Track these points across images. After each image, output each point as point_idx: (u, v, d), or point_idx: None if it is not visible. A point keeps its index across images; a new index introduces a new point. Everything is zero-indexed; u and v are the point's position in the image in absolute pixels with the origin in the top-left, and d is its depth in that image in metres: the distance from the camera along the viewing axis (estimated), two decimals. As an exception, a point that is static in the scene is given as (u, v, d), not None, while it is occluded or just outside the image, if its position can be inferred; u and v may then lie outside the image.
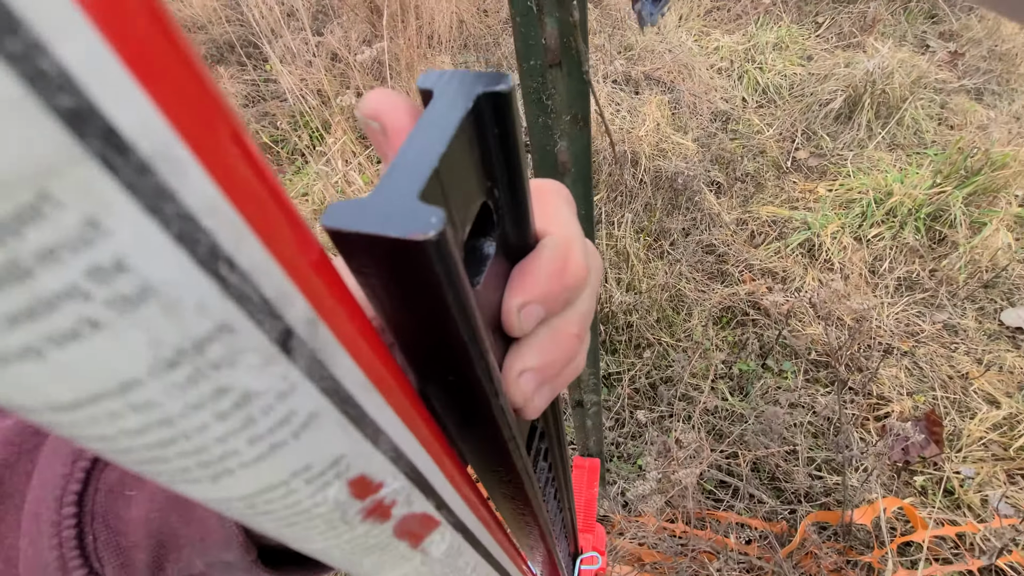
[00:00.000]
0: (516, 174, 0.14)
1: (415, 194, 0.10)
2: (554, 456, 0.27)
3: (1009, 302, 1.69)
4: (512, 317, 0.15)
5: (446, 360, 0.13)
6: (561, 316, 0.17)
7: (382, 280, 0.11)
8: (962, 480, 1.35)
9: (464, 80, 0.12)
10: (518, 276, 0.15)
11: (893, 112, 2.21)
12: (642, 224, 1.89)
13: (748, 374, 1.55)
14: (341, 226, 0.10)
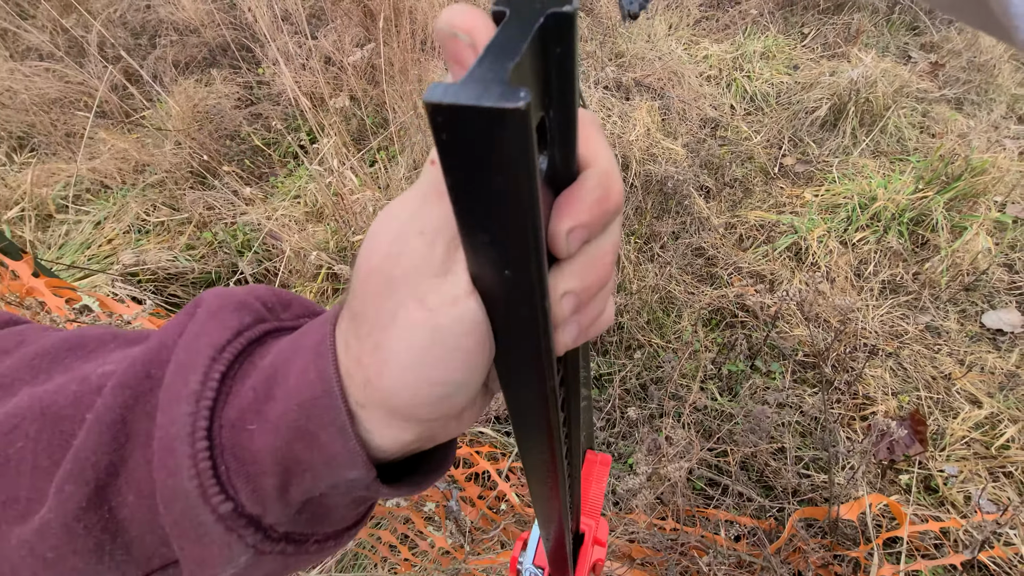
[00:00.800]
0: (571, 97, 0.15)
1: (503, 77, 0.11)
2: (570, 412, 0.27)
3: (990, 305, 1.73)
4: (560, 240, 0.16)
5: (505, 242, 0.14)
6: (598, 241, 0.18)
7: (467, 152, 0.12)
8: (946, 478, 1.37)
9: (534, 2, 0.14)
10: (566, 202, 0.17)
11: (877, 120, 2.27)
12: (633, 227, 1.91)
13: (737, 374, 1.57)
14: (439, 99, 0.11)
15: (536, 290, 0.15)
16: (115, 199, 2.36)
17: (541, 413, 0.21)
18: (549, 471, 0.27)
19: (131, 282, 1.90)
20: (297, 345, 0.21)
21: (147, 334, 0.26)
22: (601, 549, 0.61)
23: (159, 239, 2.18)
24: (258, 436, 0.20)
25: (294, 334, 0.22)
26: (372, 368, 0.18)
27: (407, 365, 0.17)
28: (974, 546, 1.01)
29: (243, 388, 0.20)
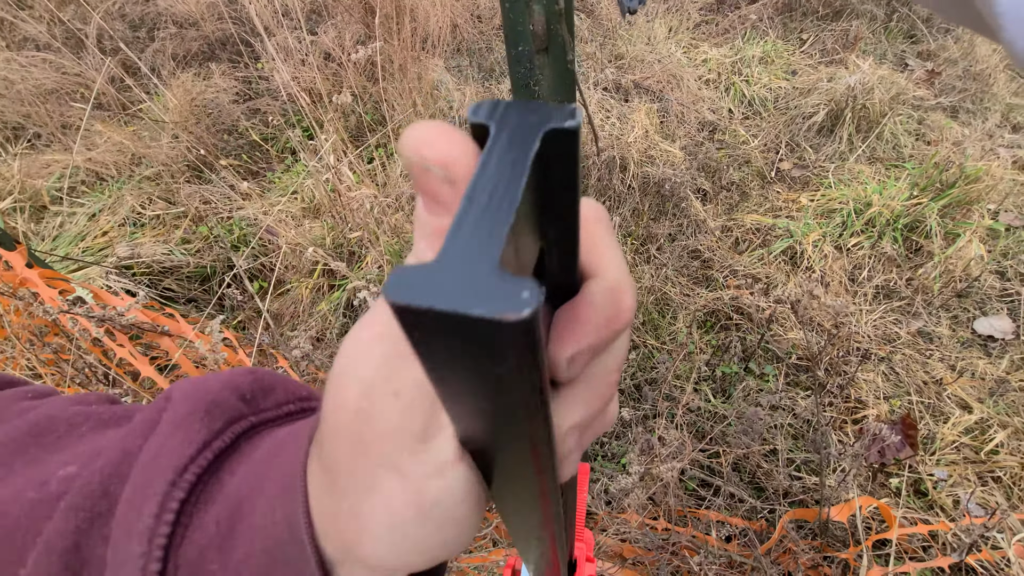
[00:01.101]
0: (573, 214, 0.12)
1: (495, 261, 0.08)
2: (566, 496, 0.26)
3: (981, 311, 1.74)
4: (561, 368, 0.14)
5: (507, 433, 0.12)
6: (604, 360, 0.16)
7: (453, 357, 0.09)
8: (935, 482, 1.38)
9: (526, 114, 0.11)
10: (569, 323, 0.14)
11: (873, 126, 2.28)
12: (630, 229, 1.92)
13: (731, 376, 1.58)
14: (411, 302, 0.08)
15: (543, 447, 0.13)
16: (111, 191, 2.35)
17: (545, 535, 0.19)
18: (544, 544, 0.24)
19: (125, 275, 1.89)
20: (265, 473, 0.19)
21: (123, 412, 0.25)
22: (592, 565, 0.61)
23: (154, 232, 2.17)
24: (234, 552, 0.18)
25: (265, 453, 0.20)
26: (350, 534, 0.16)
27: (391, 541, 0.16)
28: (962, 549, 1.02)
29: (206, 518, 0.19)
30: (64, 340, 1.15)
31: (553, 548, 0.27)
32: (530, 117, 0.10)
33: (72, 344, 1.06)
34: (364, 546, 0.16)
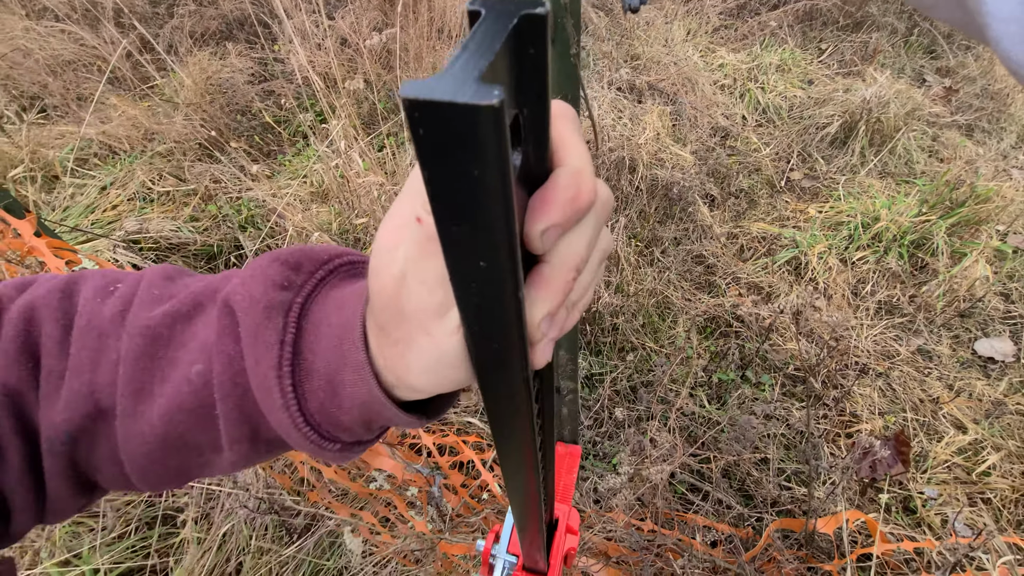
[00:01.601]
0: (543, 96, 0.15)
1: (476, 75, 0.11)
2: (543, 402, 0.28)
3: (983, 332, 1.74)
4: (536, 241, 0.17)
5: (481, 239, 0.14)
6: (570, 238, 0.19)
7: (442, 145, 0.12)
8: (925, 500, 1.38)
9: (507, 2, 0.14)
10: (540, 202, 0.17)
11: (886, 141, 2.27)
12: (635, 230, 1.92)
13: (727, 383, 1.58)
14: (416, 95, 0.11)
15: (510, 281, 0.16)
16: (122, 165, 2.36)
17: (516, 410, 0.22)
18: (524, 464, 0.28)
19: (133, 249, 1.90)
20: (341, 361, 0.25)
21: (192, 301, 0.30)
22: (573, 538, 0.62)
23: (163, 208, 2.18)
24: (343, 415, 0.26)
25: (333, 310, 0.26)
26: (400, 371, 0.23)
27: (423, 372, 0.22)
28: (946, 568, 1.02)
29: (312, 388, 0.26)
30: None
31: (532, 473, 0.29)
32: (510, 4, 0.14)
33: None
34: (411, 377, 0.23)
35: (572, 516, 0.69)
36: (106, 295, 0.29)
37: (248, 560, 1.24)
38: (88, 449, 0.29)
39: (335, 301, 0.26)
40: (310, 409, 0.26)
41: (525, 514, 0.37)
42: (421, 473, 1.11)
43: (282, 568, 1.23)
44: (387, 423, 0.27)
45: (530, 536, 0.43)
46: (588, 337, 1.65)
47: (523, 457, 0.27)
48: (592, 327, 1.63)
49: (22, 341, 0.28)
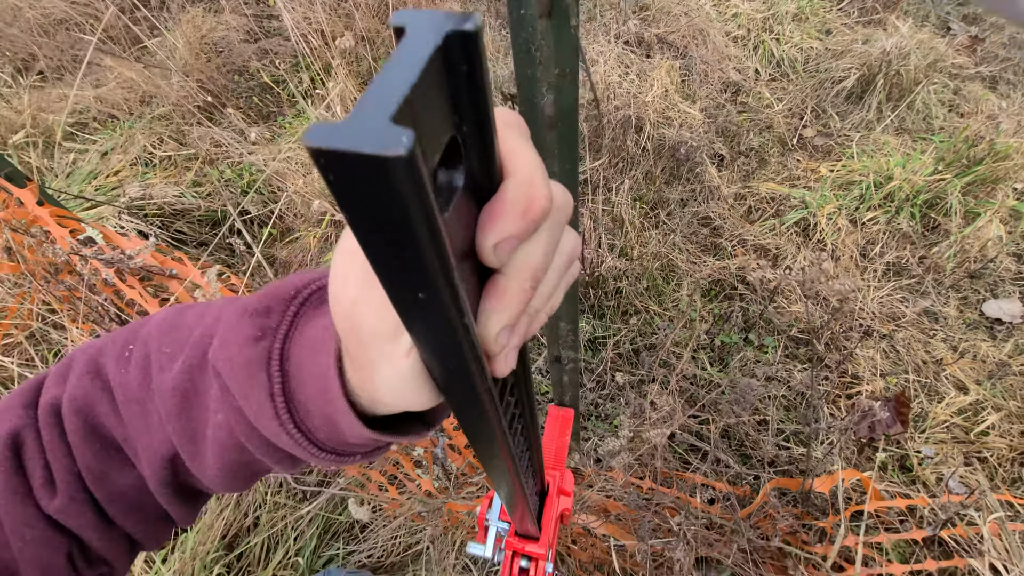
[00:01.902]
0: (483, 111, 0.14)
1: (388, 117, 0.11)
2: (520, 392, 0.28)
3: (992, 294, 1.72)
4: (489, 255, 0.17)
5: (413, 275, 0.14)
6: (526, 248, 0.18)
7: (356, 196, 0.11)
8: (921, 459, 1.41)
9: (434, 18, 0.13)
10: (488, 216, 0.17)
11: (905, 95, 2.18)
12: (640, 192, 1.89)
13: (729, 346, 1.59)
14: (320, 144, 0.10)
15: (452, 309, 0.15)
16: (122, 129, 2.34)
17: (483, 418, 0.22)
18: (500, 458, 0.28)
19: (137, 216, 1.91)
20: (331, 407, 0.26)
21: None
22: (567, 499, 0.64)
23: (166, 174, 2.17)
24: (351, 439, 0.27)
25: (308, 352, 0.27)
26: (370, 392, 0.23)
27: (391, 392, 0.22)
28: (937, 523, 1.05)
29: (316, 425, 0.27)
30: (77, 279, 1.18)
31: (510, 466, 0.30)
32: (437, 21, 0.13)
33: (84, 283, 1.09)
34: (383, 398, 0.23)
35: (566, 478, 0.71)
36: (125, 363, 0.32)
37: (264, 515, 1.30)
38: (183, 476, 0.33)
39: (310, 342, 0.26)
40: (321, 439, 0.27)
41: (508, 496, 0.38)
42: (426, 435, 1.14)
43: (296, 522, 1.29)
44: (396, 442, 0.28)
45: (518, 511, 0.44)
46: (592, 301, 1.65)
47: (497, 454, 0.27)
48: (596, 291, 1.63)
49: (84, 430, 0.32)
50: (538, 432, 0.36)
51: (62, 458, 0.32)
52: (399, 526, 1.30)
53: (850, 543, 1.10)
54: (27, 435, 0.32)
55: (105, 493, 0.32)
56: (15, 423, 0.32)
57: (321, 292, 0.29)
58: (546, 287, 0.21)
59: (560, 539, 1.23)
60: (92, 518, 0.32)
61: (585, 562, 1.22)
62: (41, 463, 0.32)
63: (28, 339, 1.52)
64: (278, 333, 0.27)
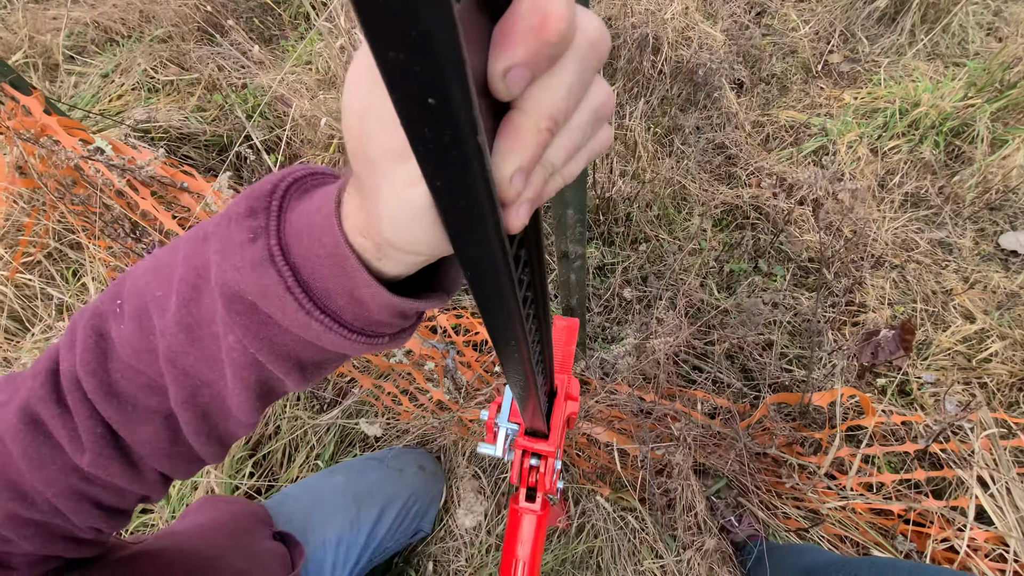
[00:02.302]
0: None
1: None
2: (533, 271, 0.27)
3: (1011, 226, 1.69)
4: (498, 83, 0.15)
5: (420, 63, 0.12)
6: (546, 82, 0.16)
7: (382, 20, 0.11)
8: (921, 384, 1.44)
9: None
10: (499, 36, 0.15)
11: (941, 16, 2.05)
12: (656, 118, 1.83)
13: (738, 274, 1.59)
14: None
15: (464, 120, 0.13)
16: (121, 52, 2.27)
17: (496, 280, 0.20)
18: (514, 338, 0.27)
19: (144, 139, 1.89)
20: (351, 281, 0.26)
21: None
22: (574, 404, 0.67)
23: (169, 99, 2.13)
24: (375, 315, 0.27)
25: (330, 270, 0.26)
26: (372, 223, 0.22)
27: (391, 222, 0.21)
28: (929, 436, 1.09)
29: (340, 306, 0.27)
30: (91, 191, 1.19)
31: (524, 351, 0.30)
32: None
33: (97, 194, 1.10)
34: (383, 229, 0.22)
35: (572, 384, 0.73)
36: (119, 319, 0.32)
37: (284, 424, 1.37)
38: (213, 417, 0.35)
39: (307, 230, 0.25)
40: (348, 320, 0.27)
41: (521, 389, 0.37)
42: (437, 348, 1.17)
43: (316, 430, 1.36)
44: (414, 310, 0.28)
45: (530, 408, 0.43)
46: (602, 227, 1.64)
47: (511, 331, 0.26)
48: (605, 216, 1.62)
49: (101, 390, 0.33)
50: (550, 325, 0.36)
51: (86, 419, 0.33)
52: (413, 437, 1.37)
53: (844, 454, 1.15)
54: (39, 405, 0.34)
55: (133, 442, 0.34)
56: (23, 396, 0.34)
57: (298, 183, 0.29)
58: (567, 139, 0.19)
59: (565, 449, 1.29)
60: (119, 468, 0.35)
61: (589, 471, 1.29)
62: (64, 424, 0.33)
63: (47, 258, 1.55)
64: (269, 230, 0.26)
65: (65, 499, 0.35)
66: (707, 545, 1.13)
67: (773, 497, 1.24)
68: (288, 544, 0.78)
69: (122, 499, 0.38)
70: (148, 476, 0.37)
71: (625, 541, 1.20)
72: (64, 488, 0.35)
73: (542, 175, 0.19)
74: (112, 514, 0.38)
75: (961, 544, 1.04)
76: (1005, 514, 1.05)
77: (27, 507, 0.35)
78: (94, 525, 0.37)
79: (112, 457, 0.34)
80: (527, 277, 0.26)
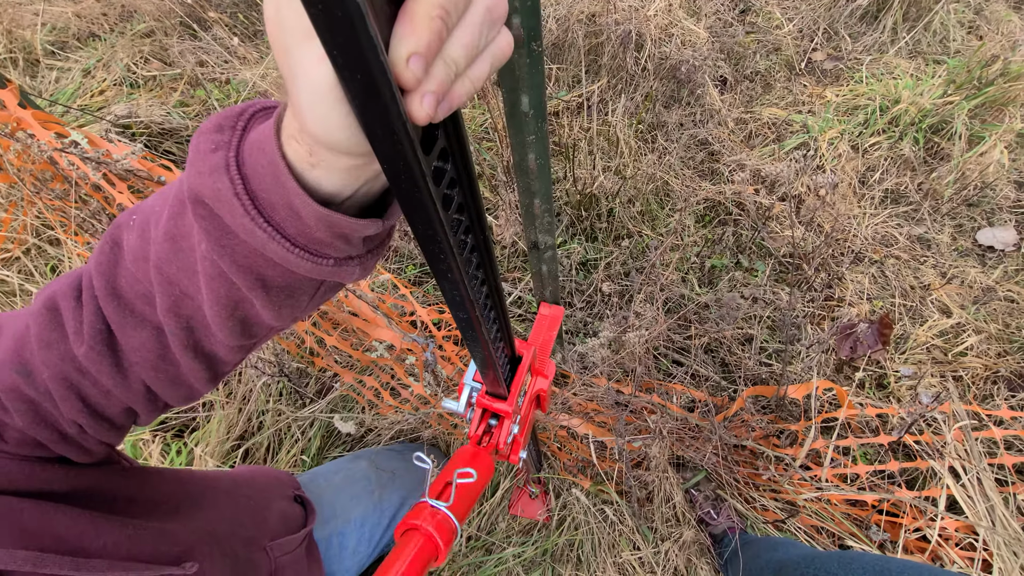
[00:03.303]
0: None
1: None
2: (464, 190, 0.28)
3: (988, 221, 1.71)
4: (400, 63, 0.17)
5: None
6: None
7: None
8: (898, 377, 1.46)
9: None
10: None
11: (923, 15, 2.07)
12: (639, 114, 1.84)
13: (719, 269, 1.60)
14: None
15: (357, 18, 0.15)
16: (103, 47, 2.25)
17: (412, 176, 0.21)
18: (444, 260, 0.28)
19: (124, 135, 1.87)
20: (286, 191, 0.28)
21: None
22: (544, 380, 0.68)
23: (151, 94, 2.11)
24: (315, 232, 0.29)
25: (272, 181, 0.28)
26: (297, 118, 0.24)
27: (310, 109, 0.22)
28: (902, 428, 1.10)
29: (282, 218, 0.29)
30: (68, 186, 1.18)
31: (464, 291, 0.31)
32: None
33: (73, 188, 1.09)
34: (305, 121, 0.23)
35: (548, 366, 0.74)
36: (130, 229, 0.36)
37: (268, 418, 1.37)
38: (196, 332, 0.37)
39: (258, 144, 0.28)
40: (291, 234, 0.29)
41: (465, 324, 0.38)
42: (417, 342, 1.18)
43: (299, 425, 1.36)
44: (348, 228, 0.29)
45: (480, 356, 0.44)
46: (584, 223, 1.65)
47: (438, 246, 0.27)
48: (588, 212, 1.63)
49: (106, 290, 0.37)
50: (495, 264, 0.37)
51: (91, 314, 0.37)
52: (398, 432, 1.37)
53: (819, 446, 1.16)
54: (60, 296, 0.38)
55: (126, 345, 0.38)
56: (53, 289, 0.39)
57: (266, 111, 0.31)
58: (464, 34, 0.20)
59: (546, 442, 1.30)
60: (108, 366, 0.38)
61: (569, 464, 1.30)
62: (73, 316, 0.37)
63: (25, 254, 1.54)
64: (232, 143, 0.29)
65: (57, 383, 0.38)
66: (685, 537, 1.14)
67: (751, 489, 1.25)
68: (306, 509, 0.82)
69: (108, 401, 0.40)
70: (134, 384, 0.39)
71: (605, 533, 1.21)
72: (58, 373, 0.38)
73: (444, 70, 0.20)
74: (95, 416, 0.40)
75: (933, 534, 1.06)
76: (975, 503, 1.07)
77: (28, 384, 0.38)
78: (76, 419, 0.40)
79: (104, 354, 0.37)
80: (458, 197, 0.27)
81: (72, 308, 0.37)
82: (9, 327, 0.39)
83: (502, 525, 1.29)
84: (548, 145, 0.50)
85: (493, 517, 1.30)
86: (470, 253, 0.32)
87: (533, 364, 0.65)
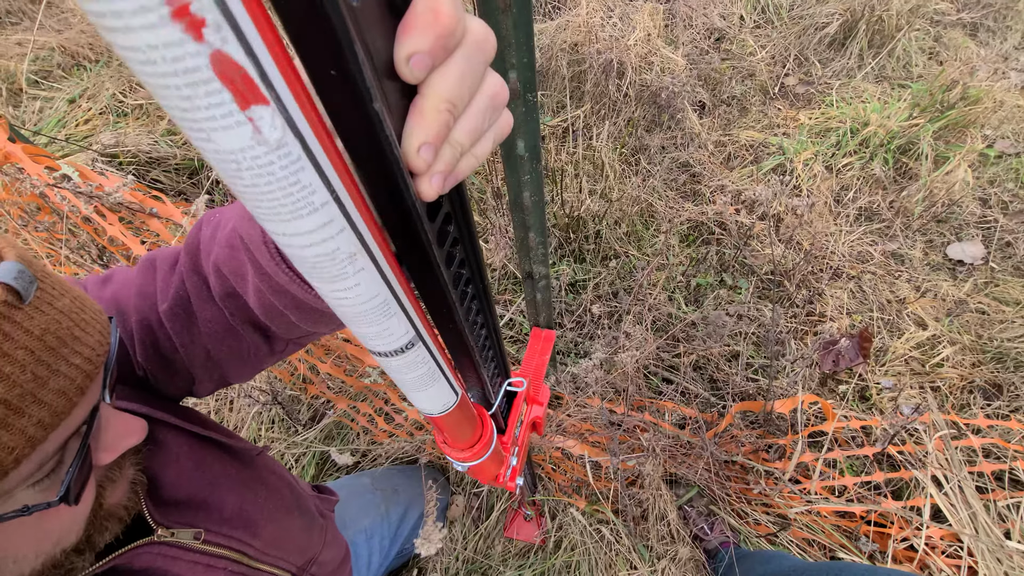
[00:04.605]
0: None
1: None
2: (465, 247, 0.29)
3: (957, 236, 1.79)
4: (403, 67, 0.18)
5: (320, 38, 0.15)
6: (444, 68, 0.19)
7: None
8: (880, 389, 1.50)
9: None
10: (401, 29, 0.18)
11: (887, 42, 2.18)
12: (622, 139, 1.89)
13: (704, 287, 1.64)
14: None
15: (362, 89, 0.16)
16: (89, 76, 2.25)
17: (415, 238, 0.23)
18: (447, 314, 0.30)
19: (112, 164, 1.87)
20: None
21: None
22: (539, 408, 0.69)
23: (138, 123, 2.11)
24: None
25: None
26: None
27: None
28: (885, 439, 1.14)
29: None
30: (56, 219, 1.18)
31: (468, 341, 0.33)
32: None
33: (63, 221, 1.09)
34: None
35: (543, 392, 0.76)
36: (208, 224, 0.45)
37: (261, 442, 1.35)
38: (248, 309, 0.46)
39: None
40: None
41: (471, 381, 0.40)
42: (411, 367, 1.19)
43: (293, 452, 1.35)
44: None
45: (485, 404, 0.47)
46: (572, 245, 1.68)
47: (441, 301, 0.28)
48: (576, 234, 1.66)
49: (190, 266, 0.46)
50: (493, 310, 0.39)
51: (179, 281, 0.46)
52: (395, 459, 1.37)
53: (807, 459, 1.19)
54: (161, 262, 0.48)
55: (200, 316, 0.46)
56: (156, 254, 0.49)
57: None
58: (469, 121, 0.22)
59: (541, 464, 1.31)
60: (180, 326, 0.47)
61: (564, 485, 1.31)
62: (164, 278, 0.47)
63: (9, 286, 1.51)
64: None
65: (139, 327, 0.47)
66: (680, 554, 1.15)
67: (743, 504, 1.27)
68: (322, 495, 0.86)
69: (173, 355, 0.49)
70: (197, 348, 0.48)
71: (601, 553, 1.22)
72: (143, 319, 0.47)
73: (451, 152, 0.22)
74: (162, 364, 0.49)
75: (920, 543, 1.09)
76: (958, 511, 1.10)
77: (122, 321, 0.48)
78: (144, 364, 0.48)
79: (180, 316, 0.47)
80: (460, 254, 0.29)
81: (166, 272, 0.47)
82: (118, 277, 0.49)
83: (498, 548, 1.29)
84: (542, 184, 0.53)
85: (489, 540, 1.29)
86: (471, 301, 0.34)
87: (528, 393, 0.66)
